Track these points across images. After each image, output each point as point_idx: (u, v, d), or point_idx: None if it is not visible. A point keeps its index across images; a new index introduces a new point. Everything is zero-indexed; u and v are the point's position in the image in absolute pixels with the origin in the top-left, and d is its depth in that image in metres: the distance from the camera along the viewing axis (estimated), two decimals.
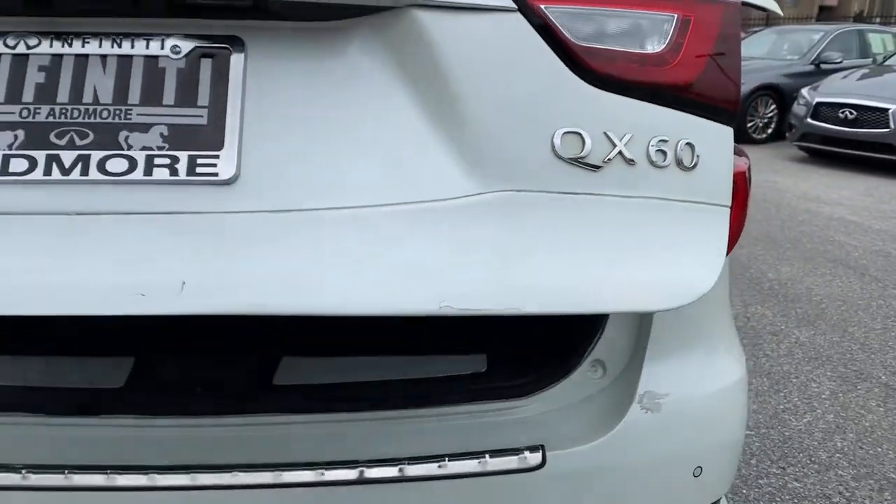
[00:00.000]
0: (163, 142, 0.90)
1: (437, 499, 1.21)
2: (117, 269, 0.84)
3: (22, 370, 1.31)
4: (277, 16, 0.96)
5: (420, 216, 0.90)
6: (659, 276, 0.95)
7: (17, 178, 0.87)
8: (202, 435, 1.22)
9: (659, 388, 1.30)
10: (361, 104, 0.95)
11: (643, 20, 1.02)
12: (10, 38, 0.92)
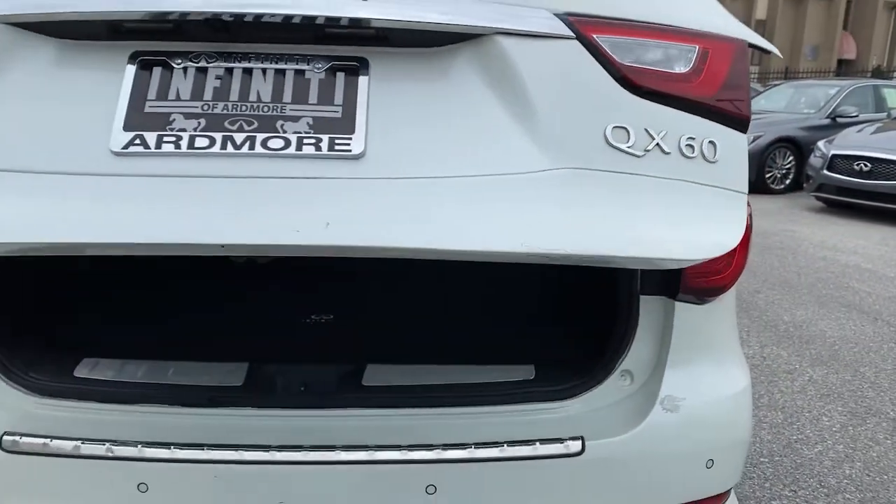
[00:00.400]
0: (309, 128, 1.22)
1: (499, 476, 1.51)
2: (278, 214, 1.15)
3: (166, 372, 1.63)
4: (393, 43, 1.29)
5: (505, 183, 1.20)
6: (696, 235, 1.22)
7: (201, 151, 1.19)
8: (307, 424, 1.52)
9: (677, 392, 1.59)
10: (458, 105, 1.26)
11: (672, 49, 1.33)
12: (195, 56, 1.26)
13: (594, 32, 1.28)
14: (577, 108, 1.26)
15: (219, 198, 1.15)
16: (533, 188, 1.20)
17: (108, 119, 1.19)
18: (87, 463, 1.48)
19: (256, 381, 1.62)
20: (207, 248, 1.14)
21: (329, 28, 1.24)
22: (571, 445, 1.50)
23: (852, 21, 38.29)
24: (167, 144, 1.18)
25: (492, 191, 1.18)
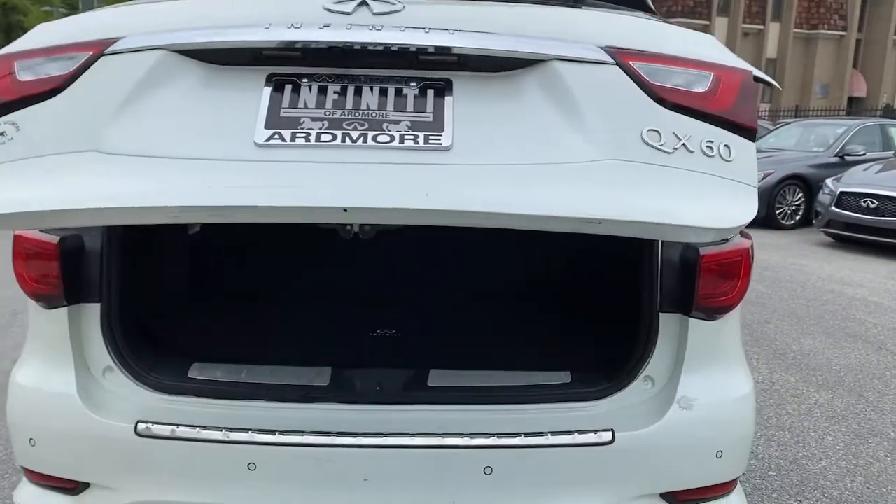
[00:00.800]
0: (408, 128, 1.55)
1: (544, 460, 1.82)
2: (388, 187, 1.46)
3: (264, 373, 1.97)
4: (471, 67, 1.63)
5: (561, 169, 1.51)
6: (715, 213, 1.49)
7: (325, 143, 1.52)
8: (385, 416, 1.85)
9: (691, 394, 1.91)
10: (524, 113, 1.59)
11: (692, 75, 1.65)
12: (318, 77, 1.61)
13: (630, 60, 1.61)
14: (618, 116, 1.57)
15: (339, 176, 1.47)
16: (583, 173, 1.51)
17: (252, 121, 1.53)
18: (205, 446, 1.81)
19: (339, 381, 1.95)
20: (332, 212, 1.45)
21: (421, 55, 1.59)
22: (603, 436, 1.82)
23: (862, 59, 38.78)
24: (299, 139, 1.52)
25: (551, 174, 1.50)
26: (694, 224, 1.47)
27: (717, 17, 34.88)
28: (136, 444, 1.83)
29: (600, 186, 1.49)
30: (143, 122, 1.52)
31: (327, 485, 1.82)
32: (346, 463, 1.80)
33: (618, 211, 1.45)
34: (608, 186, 1.49)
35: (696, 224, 1.47)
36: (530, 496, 1.84)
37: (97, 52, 1.56)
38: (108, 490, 1.90)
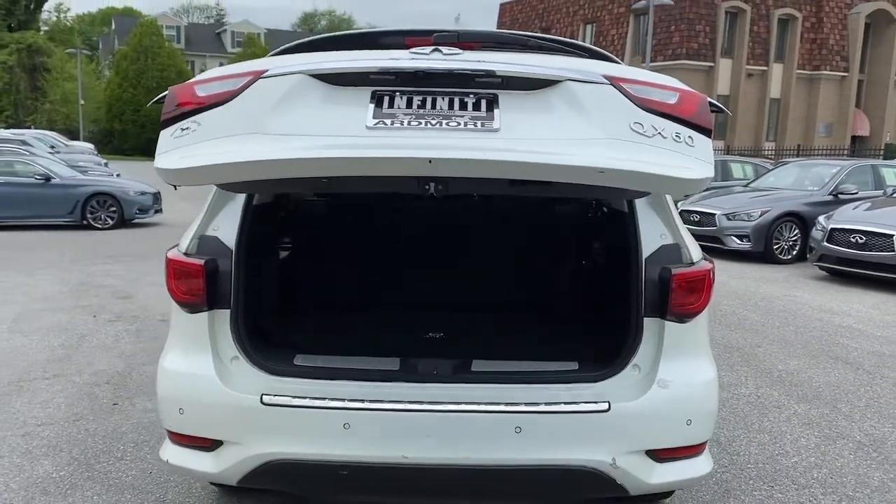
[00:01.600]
0: (470, 119, 2.19)
1: (560, 423, 2.50)
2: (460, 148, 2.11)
3: (351, 361, 2.67)
4: (512, 86, 2.27)
5: (574, 141, 2.16)
6: (685, 170, 2.14)
7: (414, 127, 2.16)
8: (442, 392, 2.53)
9: (667, 377, 2.58)
10: (548, 113, 2.24)
11: (663, 92, 2.30)
12: (407, 92, 2.25)
13: (619, 82, 2.30)
14: (612, 114, 2.25)
15: (425, 143, 2.14)
16: (589, 144, 2.20)
17: (363, 116, 2.20)
18: (313, 412, 2.50)
19: (406, 367, 2.65)
20: (420, 163, 2.12)
21: (476, 78, 2.27)
22: (602, 406, 2.50)
23: (864, 99, 39.55)
24: (396, 124, 2.19)
25: (566, 143, 2.18)
26: (670, 174, 2.16)
27: (721, 59, 35.81)
28: (261, 411, 2.52)
29: (603, 151, 2.19)
30: (289, 116, 2.23)
31: (401, 439, 2.50)
32: (414, 424, 2.49)
33: (616, 164, 2.14)
34: (608, 151, 2.19)
35: (671, 175, 2.16)
36: (549, 449, 2.52)
37: (255, 76, 2.29)
38: (238, 445, 2.58)
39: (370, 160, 2.14)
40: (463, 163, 2.14)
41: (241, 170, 2.19)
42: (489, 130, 2.20)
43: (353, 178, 2.38)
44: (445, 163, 2.14)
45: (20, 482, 3.69)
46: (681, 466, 2.66)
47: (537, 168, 2.15)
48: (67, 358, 5.84)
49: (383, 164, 2.17)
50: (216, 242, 2.72)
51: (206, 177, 2.26)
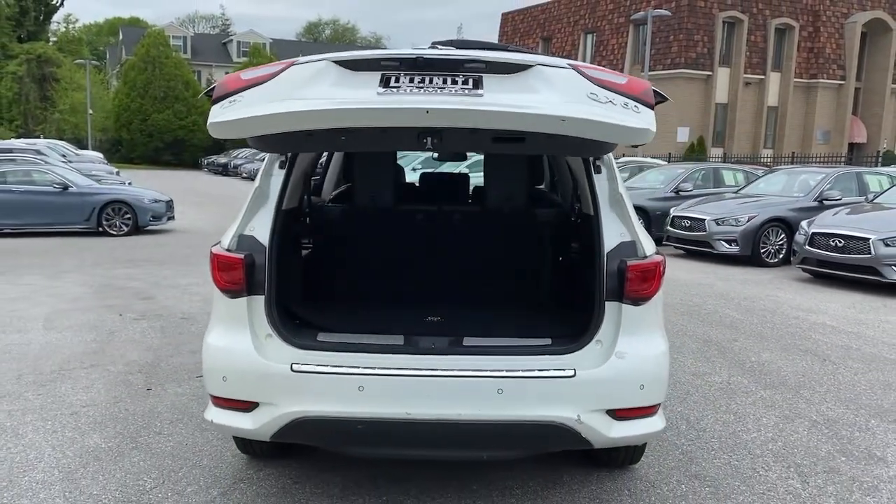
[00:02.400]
0: (460, 88, 2.77)
1: (535, 386, 3.06)
2: (452, 102, 2.73)
3: (366, 337, 3.24)
4: (495, 70, 2.85)
5: (543, 101, 2.76)
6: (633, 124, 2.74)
7: (415, 89, 2.77)
8: (440, 362, 3.10)
9: (624, 350, 3.15)
10: (523, 88, 2.81)
11: (614, 75, 2.92)
12: (409, 74, 2.83)
13: (580, 68, 2.91)
14: (573, 87, 2.84)
15: (424, 98, 2.72)
16: (555, 104, 2.77)
17: (374, 87, 2.78)
18: (334, 377, 3.06)
19: (409, 342, 3.21)
20: (419, 112, 2.71)
21: (466, 64, 2.85)
22: (569, 372, 3.06)
23: (862, 107, 40.13)
24: (401, 89, 2.75)
25: (536, 102, 2.76)
26: (619, 123, 2.78)
27: (719, 68, 36.43)
28: (291, 377, 3.09)
29: (565, 107, 2.79)
30: (315, 88, 2.83)
31: (406, 399, 3.06)
32: (416, 387, 3.05)
33: (575, 114, 2.75)
34: (570, 107, 2.79)
35: (620, 123, 2.78)
36: (525, 407, 3.08)
37: (289, 65, 2.92)
38: (271, 406, 3.15)
39: (378, 110, 2.75)
40: (454, 112, 2.74)
41: (274, 121, 2.81)
42: (476, 95, 2.80)
43: (364, 135, 2.98)
44: (440, 112, 2.74)
45: (74, 451, 4.26)
46: (636, 424, 3.22)
47: (512, 117, 2.76)
48: (101, 350, 6.41)
49: (388, 115, 2.77)
50: (253, 240, 3.29)
51: (246, 128, 2.88)
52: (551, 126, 2.79)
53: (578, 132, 2.82)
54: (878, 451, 4.52)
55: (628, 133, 2.81)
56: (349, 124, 2.89)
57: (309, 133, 2.96)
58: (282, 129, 2.89)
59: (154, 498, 3.69)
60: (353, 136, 3.00)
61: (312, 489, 3.78)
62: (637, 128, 2.78)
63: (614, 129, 2.80)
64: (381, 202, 4.31)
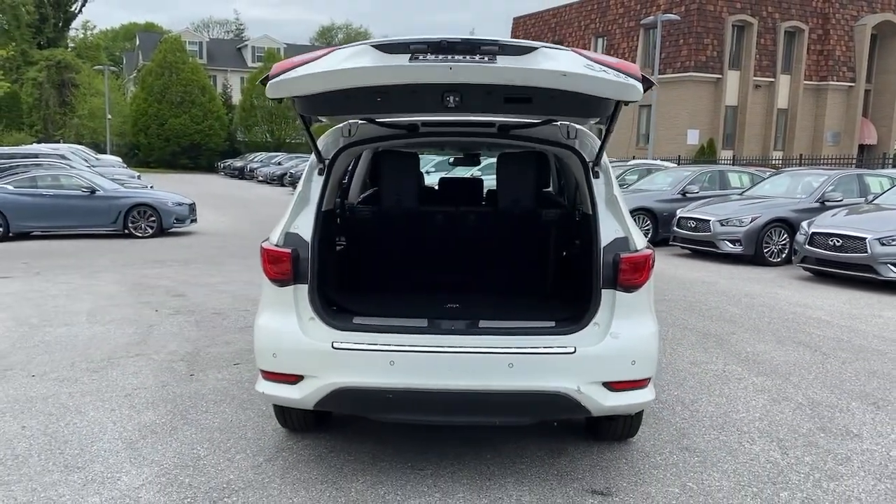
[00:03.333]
0: (479, 58, 3.23)
1: (540, 361, 3.56)
2: (473, 64, 3.19)
3: (396, 321, 3.76)
4: (507, 52, 3.26)
5: (548, 67, 3.21)
6: (626, 83, 3.20)
7: (440, 60, 3.20)
8: (460, 341, 3.62)
9: (617, 331, 3.65)
10: (534, 63, 3.23)
11: (609, 57, 3.35)
12: (433, 54, 3.24)
13: (580, 51, 3.34)
14: (574, 61, 3.23)
15: (448, 62, 3.17)
16: (558, 67, 3.20)
17: (405, 59, 3.19)
18: (368, 353, 3.58)
19: (433, 325, 3.73)
20: (444, 69, 3.16)
21: (483, 45, 3.22)
22: (570, 349, 3.56)
23: (872, 108, 40.33)
24: (428, 58, 3.17)
25: (542, 66, 3.18)
26: (612, 79, 3.21)
27: (728, 71, 36.78)
28: (332, 353, 3.60)
29: (566, 68, 3.21)
30: (353, 62, 3.25)
31: (430, 372, 3.57)
32: (439, 362, 3.56)
33: (574, 70, 3.18)
34: (570, 68, 3.22)
35: (613, 79, 3.21)
36: (532, 379, 3.58)
37: (333, 49, 3.37)
38: (315, 378, 3.66)
39: (409, 67, 3.19)
40: (472, 68, 3.18)
41: (322, 78, 3.27)
42: (492, 63, 3.22)
43: (396, 97, 3.45)
44: (461, 69, 3.18)
45: (133, 425, 4.79)
46: (629, 395, 3.71)
47: (521, 72, 3.21)
48: (143, 342, 6.96)
49: (418, 71, 3.22)
50: (297, 237, 3.81)
51: (298, 85, 3.34)
52: (554, 80, 3.22)
53: (578, 87, 3.24)
54: (855, 428, 4.99)
55: (621, 88, 3.25)
56: (385, 81, 3.32)
57: (348, 95, 3.41)
58: (328, 86, 3.33)
59: (208, 463, 4.22)
60: (387, 97, 3.45)
61: (346, 457, 4.30)
62: (627, 83, 3.22)
63: (608, 84, 3.23)
64: (406, 204, 4.82)
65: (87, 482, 3.96)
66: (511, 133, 4.22)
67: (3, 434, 4.62)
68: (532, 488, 3.95)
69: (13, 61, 50.71)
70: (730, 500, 3.88)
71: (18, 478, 4.01)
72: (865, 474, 4.24)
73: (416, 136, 4.26)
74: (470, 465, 4.20)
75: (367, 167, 5.89)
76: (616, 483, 4.04)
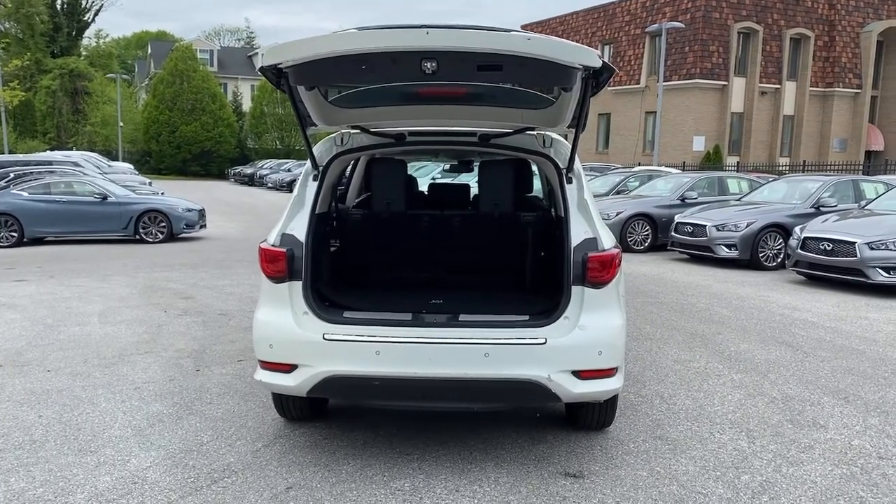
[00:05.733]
0: None
1: (514, 351, 3.88)
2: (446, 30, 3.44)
3: (383, 315, 4.08)
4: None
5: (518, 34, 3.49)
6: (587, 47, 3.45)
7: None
8: (441, 333, 3.93)
9: (585, 323, 3.97)
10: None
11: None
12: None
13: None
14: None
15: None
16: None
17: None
18: (356, 344, 3.90)
19: (416, 318, 4.05)
20: (420, 33, 3.34)
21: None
22: (540, 340, 3.88)
23: (879, 115, 40.44)
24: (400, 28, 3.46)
25: (505, 39, 3.42)
26: (576, 45, 3.46)
27: (734, 78, 37.00)
28: (323, 344, 3.93)
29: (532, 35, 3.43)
30: (343, 34, 3.52)
31: (413, 361, 3.89)
32: (421, 351, 3.88)
33: (539, 37, 3.41)
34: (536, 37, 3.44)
35: (577, 45, 3.46)
36: (507, 367, 3.89)
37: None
38: (307, 367, 3.99)
39: (387, 32, 3.43)
40: (448, 34, 3.39)
41: (309, 44, 3.48)
42: (464, 29, 3.45)
43: (379, 66, 3.61)
44: (437, 33, 3.37)
45: (142, 415, 5.13)
46: (596, 383, 4.01)
47: (491, 37, 3.42)
48: (152, 340, 7.31)
49: (395, 35, 3.43)
50: (293, 238, 4.14)
51: (287, 51, 3.53)
52: (521, 45, 3.38)
53: (541, 50, 3.40)
54: (822, 420, 5.27)
55: (578, 51, 3.45)
56: (365, 44, 3.47)
57: (336, 63, 3.57)
58: (316, 50, 3.49)
59: (211, 448, 4.55)
60: (371, 66, 3.60)
61: (339, 443, 4.62)
62: (584, 48, 3.46)
63: (566, 47, 3.44)
64: (395, 207, 5.14)
65: (100, 464, 4.30)
66: (491, 142, 4.54)
67: (21, 422, 4.97)
68: (510, 471, 4.25)
69: (27, 70, 51.42)
70: (693, 482, 4.18)
71: (36, 460, 4.35)
72: (825, 461, 4.52)
73: (403, 144, 4.59)
74: (454, 451, 4.51)
75: (363, 173, 6.23)
76: (589, 467, 4.34)
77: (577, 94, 3.95)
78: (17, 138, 48.58)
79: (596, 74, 3.68)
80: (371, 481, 4.09)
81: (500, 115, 4.52)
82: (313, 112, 4.46)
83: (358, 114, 4.57)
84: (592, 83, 3.76)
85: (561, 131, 4.79)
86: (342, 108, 4.53)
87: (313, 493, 3.96)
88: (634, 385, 5.93)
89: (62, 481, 4.07)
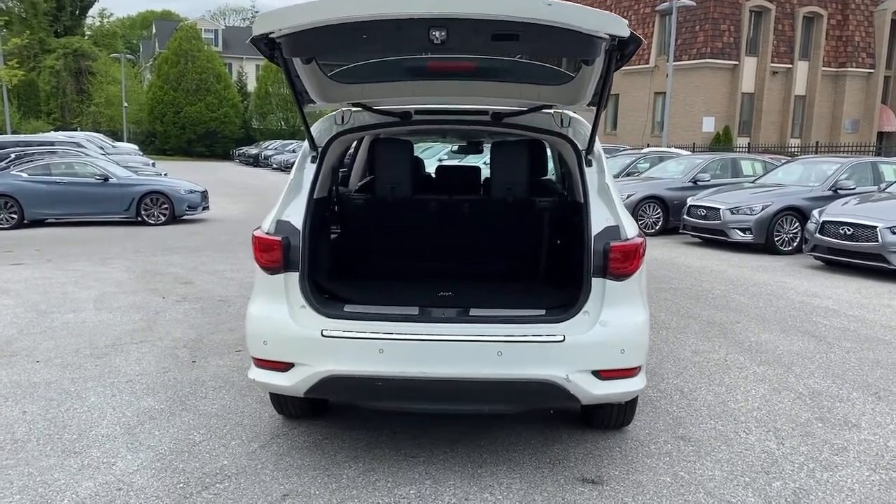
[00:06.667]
0: None
1: (531, 349, 3.56)
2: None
3: (387, 309, 3.76)
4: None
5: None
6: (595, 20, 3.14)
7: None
8: (450, 329, 3.61)
9: (607, 319, 3.64)
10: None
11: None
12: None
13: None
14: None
15: None
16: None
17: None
18: (357, 341, 3.59)
19: (423, 312, 3.73)
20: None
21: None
22: (559, 338, 3.56)
23: (892, 95, 39.76)
24: None
25: (522, 3, 3.06)
26: (602, 13, 3.14)
27: (745, 57, 36.35)
28: (322, 341, 3.62)
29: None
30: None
31: (420, 360, 3.58)
32: (429, 350, 3.57)
33: (560, 1, 3.03)
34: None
35: (603, 13, 3.15)
36: (521, 367, 3.58)
37: None
38: (305, 366, 3.68)
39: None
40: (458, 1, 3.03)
41: (308, 9, 3.11)
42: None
43: (381, 34, 3.25)
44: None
45: (132, 411, 4.85)
46: (618, 384, 3.70)
47: (506, 2, 3.03)
48: (148, 328, 7.02)
49: (402, 2, 3.05)
50: (289, 225, 3.82)
51: (284, 18, 3.16)
52: (541, 11, 3.01)
53: (564, 19, 3.04)
54: (854, 418, 4.95)
55: (605, 19, 3.12)
56: (367, 9, 3.08)
57: (334, 32, 3.19)
58: (314, 16, 3.11)
59: (203, 449, 4.26)
60: (373, 34, 3.25)
61: (340, 444, 4.32)
62: (612, 16, 3.12)
63: (590, 14, 3.08)
64: (400, 192, 4.81)
65: (83, 467, 4.01)
66: (504, 121, 4.20)
67: (3, 419, 4.69)
68: (524, 476, 3.96)
69: (30, 49, 50.98)
70: (721, 489, 3.87)
71: (16, 462, 4.07)
72: (860, 465, 4.21)
73: (409, 123, 4.25)
74: (463, 453, 4.21)
75: (367, 155, 5.89)
76: (607, 472, 4.03)
77: (600, 67, 3.61)
78: (20, 118, 48.25)
79: (622, 46, 3.32)
80: (374, 487, 3.80)
81: (515, 92, 4.17)
82: (311, 88, 4.11)
83: (360, 90, 4.22)
84: (617, 55, 3.40)
85: (580, 109, 4.43)
86: (343, 83, 4.19)
87: (311, 501, 3.67)
88: (653, 378, 5.62)
89: (42, 486, 3.79)
